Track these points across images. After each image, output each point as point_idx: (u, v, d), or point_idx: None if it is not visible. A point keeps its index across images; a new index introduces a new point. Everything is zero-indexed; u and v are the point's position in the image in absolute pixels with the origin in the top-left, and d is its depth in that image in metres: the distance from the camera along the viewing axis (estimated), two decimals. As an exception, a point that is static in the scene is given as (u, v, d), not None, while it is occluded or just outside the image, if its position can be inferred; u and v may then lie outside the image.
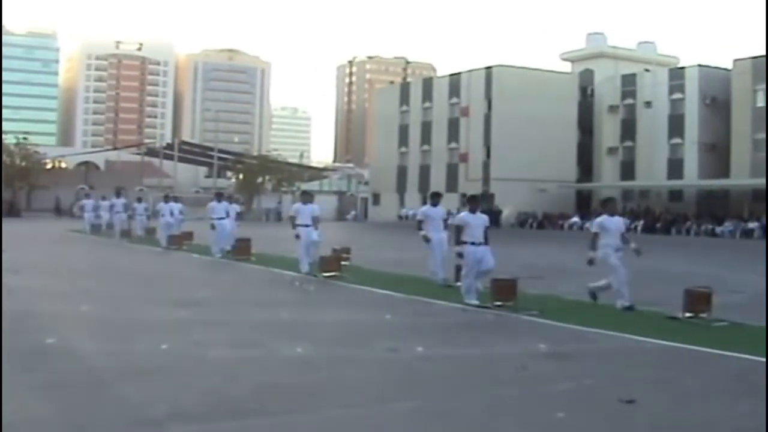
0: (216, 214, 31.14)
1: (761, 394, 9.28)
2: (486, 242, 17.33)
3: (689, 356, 11.81)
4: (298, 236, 23.50)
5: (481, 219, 17.48)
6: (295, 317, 15.18)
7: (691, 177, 74.01)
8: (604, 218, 17.06)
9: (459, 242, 17.33)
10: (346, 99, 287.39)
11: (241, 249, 29.00)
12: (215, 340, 12.39)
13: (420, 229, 21.33)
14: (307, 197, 24.70)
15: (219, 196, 33.30)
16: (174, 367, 10.28)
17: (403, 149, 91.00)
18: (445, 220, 22.07)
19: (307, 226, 23.76)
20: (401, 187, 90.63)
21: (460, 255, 17.43)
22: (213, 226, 30.88)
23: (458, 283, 17.92)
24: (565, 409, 8.24)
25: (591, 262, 16.87)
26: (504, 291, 16.41)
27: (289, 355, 11.13)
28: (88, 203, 49.65)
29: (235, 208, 33.57)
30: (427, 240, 20.88)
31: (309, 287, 20.30)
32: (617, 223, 17.30)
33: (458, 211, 70.53)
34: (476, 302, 16.49)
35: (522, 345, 12.44)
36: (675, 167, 75.89)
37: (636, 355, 11.89)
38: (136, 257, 31.51)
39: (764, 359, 10.99)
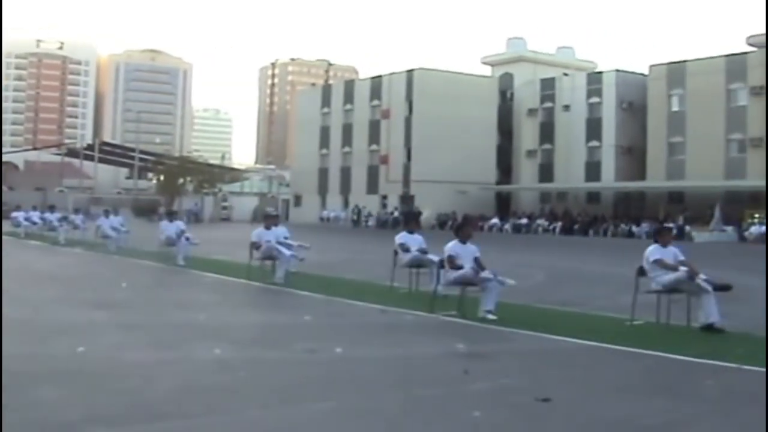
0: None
1: (673, 391, 9.46)
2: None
3: (606, 354, 11.94)
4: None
5: (471, 249, 16.08)
6: (213, 319, 15.06)
7: (609, 179, 75.00)
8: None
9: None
10: (268, 101, 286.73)
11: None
12: (131, 342, 12.25)
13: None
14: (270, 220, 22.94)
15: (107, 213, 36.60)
16: (90, 370, 10.11)
17: (325, 151, 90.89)
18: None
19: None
20: (323, 189, 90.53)
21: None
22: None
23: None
24: (481, 408, 8.26)
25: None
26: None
27: (206, 357, 11.01)
28: (19, 215, 48.09)
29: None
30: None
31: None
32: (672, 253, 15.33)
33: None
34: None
35: (441, 345, 12.47)
36: (593, 170, 76.83)
37: (553, 355, 11.99)
38: (59, 259, 31.10)
39: (670, 355, 11.18)
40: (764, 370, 10.13)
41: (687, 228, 59.75)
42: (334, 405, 8.47)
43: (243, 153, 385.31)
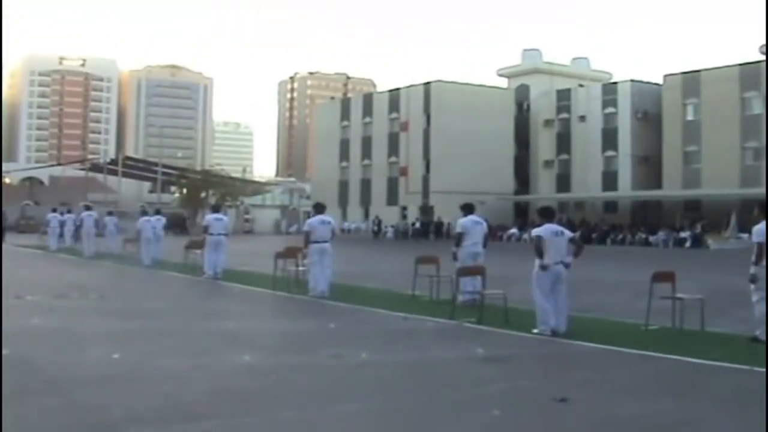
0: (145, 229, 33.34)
1: (685, 392, 9.77)
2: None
3: (620, 357, 12.25)
4: None
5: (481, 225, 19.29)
6: (241, 327, 15.44)
7: (625, 188, 75.17)
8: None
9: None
10: (287, 114, 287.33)
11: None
12: (164, 349, 12.62)
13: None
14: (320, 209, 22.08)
15: (145, 212, 36.36)
16: (127, 375, 10.48)
17: (344, 164, 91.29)
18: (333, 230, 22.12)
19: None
20: (343, 201, 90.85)
21: (455, 257, 18.52)
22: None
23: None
24: (501, 408, 8.61)
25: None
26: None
27: (237, 363, 11.36)
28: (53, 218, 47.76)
29: (161, 220, 35.00)
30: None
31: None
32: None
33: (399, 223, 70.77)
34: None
35: (460, 350, 12.80)
36: (609, 179, 77.04)
37: (569, 358, 12.32)
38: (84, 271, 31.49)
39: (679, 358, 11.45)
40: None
41: (703, 236, 59.86)
42: (361, 406, 8.83)
43: (264, 166, 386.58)
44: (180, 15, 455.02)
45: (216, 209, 29.26)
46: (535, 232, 14.88)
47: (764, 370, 10.61)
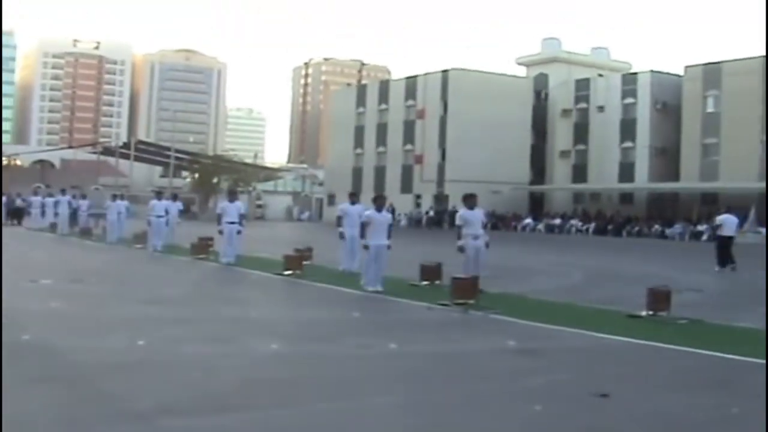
0: (155, 212, 32.90)
1: (723, 388, 9.59)
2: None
3: (652, 352, 12.05)
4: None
5: (478, 214, 19.42)
6: (263, 315, 15.35)
7: (642, 180, 74.82)
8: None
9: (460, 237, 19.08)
10: (301, 100, 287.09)
11: (200, 247, 28.83)
12: (189, 336, 12.48)
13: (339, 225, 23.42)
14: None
15: (159, 195, 35.90)
16: (153, 362, 10.34)
17: (359, 150, 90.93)
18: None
19: (232, 223, 25.89)
20: (356, 188, 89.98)
21: (461, 249, 18.73)
22: (149, 223, 32.99)
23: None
24: (542, 402, 8.42)
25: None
26: (464, 289, 16.49)
27: (264, 352, 11.21)
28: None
29: (178, 206, 35.03)
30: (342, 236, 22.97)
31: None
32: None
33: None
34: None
35: (491, 342, 12.65)
36: (626, 171, 76.64)
37: (601, 352, 12.16)
38: (89, 254, 31.37)
39: (726, 354, 11.26)
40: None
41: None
42: (396, 399, 8.62)
43: (275, 152, 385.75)
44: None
45: (232, 195, 28.71)
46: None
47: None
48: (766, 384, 9.15)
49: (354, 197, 23.70)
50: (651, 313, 15.10)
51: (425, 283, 19.81)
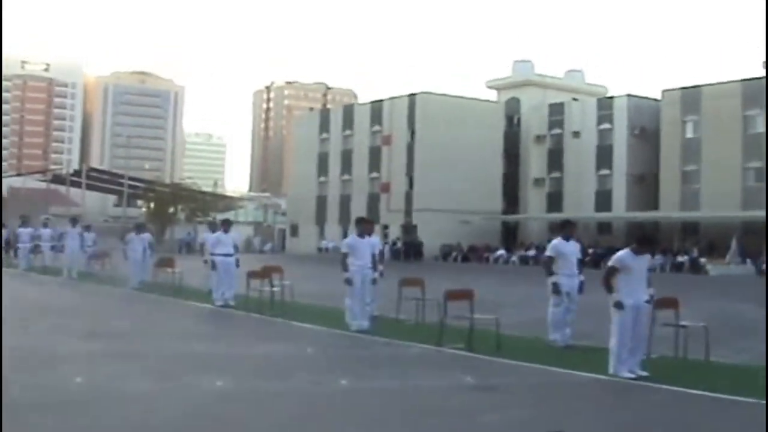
0: (133, 246, 31.95)
1: (689, 428, 9.69)
2: None
3: (616, 388, 12.17)
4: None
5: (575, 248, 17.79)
6: (211, 350, 15.36)
7: (620, 209, 75.20)
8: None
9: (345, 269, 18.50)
10: (263, 126, 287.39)
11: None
12: (131, 372, 12.51)
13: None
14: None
15: (139, 228, 34.37)
16: (90, 400, 10.39)
17: (323, 178, 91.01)
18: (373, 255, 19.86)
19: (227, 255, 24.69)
20: (321, 218, 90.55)
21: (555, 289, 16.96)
22: (126, 258, 32.09)
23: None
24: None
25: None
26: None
27: (208, 389, 11.26)
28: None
29: (147, 238, 33.77)
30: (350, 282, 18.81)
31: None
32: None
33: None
34: None
35: (448, 378, 12.73)
36: (603, 199, 77.14)
37: (563, 388, 12.29)
38: (45, 289, 31.27)
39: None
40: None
41: (702, 260, 60.00)
42: (343, 436, 8.69)
43: (236, 180, 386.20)
44: (150, 19, 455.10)
45: (227, 225, 27.33)
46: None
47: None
48: (766, 387, 9.62)
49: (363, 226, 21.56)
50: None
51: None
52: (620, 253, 13.81)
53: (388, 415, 10.13)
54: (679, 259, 62.33)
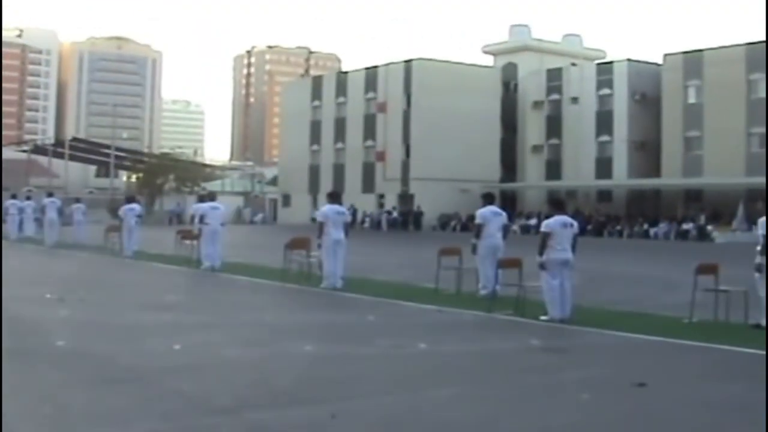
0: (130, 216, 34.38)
1: (747, 378, 11.17)
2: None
3: (674, 349, 13.65)
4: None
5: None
6: (279, 319, 16.69)
7: (621, 176, 76.45)
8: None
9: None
10: (243, 92, 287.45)
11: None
12: (219, 340, 13.75)
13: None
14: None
15: (130, 199, 37.19)
16: (202, 364, 11.67)
17: (315, 147, 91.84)
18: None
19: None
20: (314, 188, 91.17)
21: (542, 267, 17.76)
22: (122, 227, 34.49)
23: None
24: (587, 392, 9.96)
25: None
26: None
27: (302, 353, 12.55)
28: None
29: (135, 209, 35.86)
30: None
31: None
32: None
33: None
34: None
35: (514, 341, 14.17)
36: (603, 166, 78.33)
37: (626, 349, 13.77)
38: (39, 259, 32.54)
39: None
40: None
41: (708, 228, 61.35)
42: (454, 392, 10.13)
43: (216, 149, 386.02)
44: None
45: (211, 197, 30.18)
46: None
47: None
48: (766, 380, 10.45)
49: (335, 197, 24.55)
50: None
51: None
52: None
53: (481, 372, 11.58)
54: (684, 226, 63.66)
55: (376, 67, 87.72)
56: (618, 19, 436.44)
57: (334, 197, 23.19)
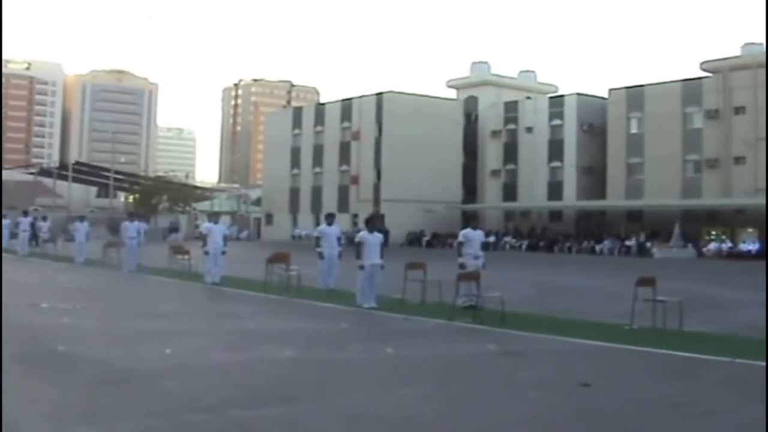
0: (128, 234, 33.75)
1: (684, 378, 11.27)
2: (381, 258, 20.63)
3: (616, 352, 13.73)
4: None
5: (378, 237, 20.87)
6: (260, 327, 16.68)
7: (570, 198, 77.11)
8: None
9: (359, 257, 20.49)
10: (231, 121, 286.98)
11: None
12: (206, 345, 13.78)
13: (317, 246, 24.26)
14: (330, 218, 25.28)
15: (131, 216, 37.09)
16: (191, 367, 11.66)
17: (296, 171, 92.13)
18: (339, 238, 24.85)
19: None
20: (294, 208, 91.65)
21: (462, 267, 20.01)
22: (123, 244, 34.02)
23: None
24: (539, 391, 10.00)
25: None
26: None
27: (282, 357, 12.60)
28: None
29: (143, 226, 35.60)
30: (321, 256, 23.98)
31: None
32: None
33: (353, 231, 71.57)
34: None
35: (473, 346, 14.18)
36: (555, 189, 78.93)
37: (573, 352, 13.79)
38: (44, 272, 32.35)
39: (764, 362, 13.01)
40: (762, 363, 11.95)
41: (648, 244, 61.79)
42: (418, 392, 10.15)
43: (206, 172, 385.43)
44: (126, 20, 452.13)
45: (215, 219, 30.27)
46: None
47: (743, 360, 12.31)
48: (765, 383, 10.45)
49: (331, 218, 25.08)
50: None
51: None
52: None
53: (441, 374, 11.59)
54: (627, 243, 64.11)
55: (350, 99, 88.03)
56: (569, 57, 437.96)
57: (372, 222, 22.33)
